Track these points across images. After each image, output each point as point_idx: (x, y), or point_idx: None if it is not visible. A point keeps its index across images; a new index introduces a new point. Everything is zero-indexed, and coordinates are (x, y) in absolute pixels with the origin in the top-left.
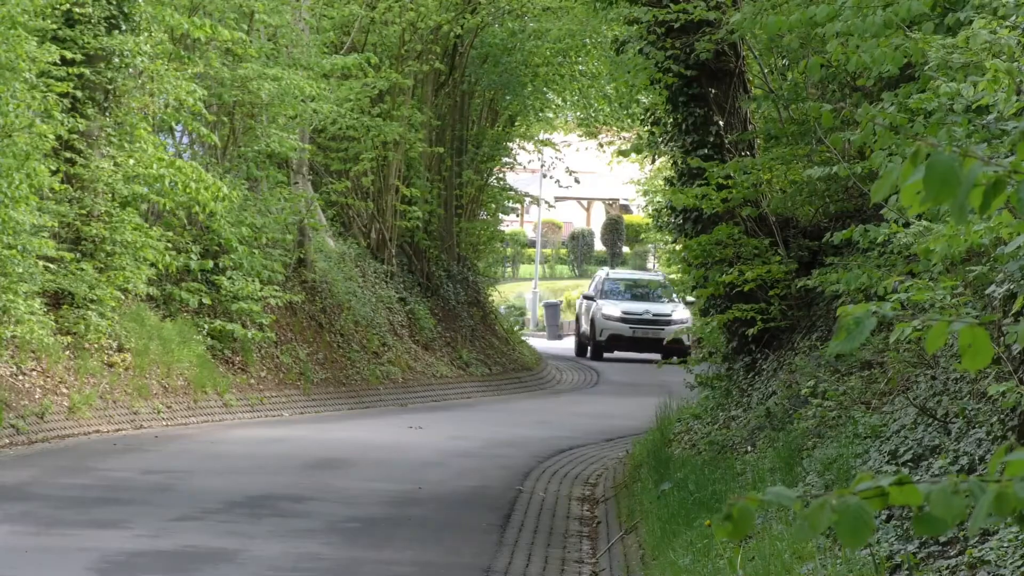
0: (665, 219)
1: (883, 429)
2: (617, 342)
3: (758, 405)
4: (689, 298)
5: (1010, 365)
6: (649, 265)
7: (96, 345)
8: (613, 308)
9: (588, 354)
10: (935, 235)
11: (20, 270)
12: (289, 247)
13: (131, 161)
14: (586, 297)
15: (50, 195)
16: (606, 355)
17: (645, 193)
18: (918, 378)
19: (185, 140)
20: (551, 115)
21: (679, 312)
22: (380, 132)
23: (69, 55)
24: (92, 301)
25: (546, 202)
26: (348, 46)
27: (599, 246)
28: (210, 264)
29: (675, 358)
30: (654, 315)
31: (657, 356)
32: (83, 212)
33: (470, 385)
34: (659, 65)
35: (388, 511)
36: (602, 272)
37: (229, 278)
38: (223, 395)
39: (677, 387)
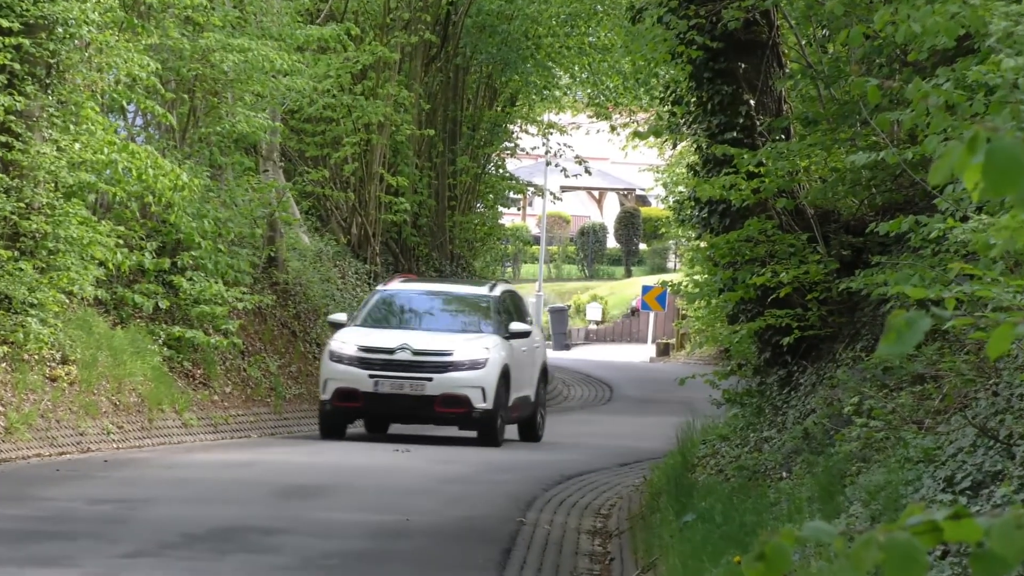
0: (688, 212)
1: (937, 452)
2: (350, 403)
3: (794, 425)
4: (521, 326)
5: None
6: (669, 264)
7: (36, 356)
8: (349, 340)
9: (320, 431)
10: (997, 225)
11: None
12: (258, 244)
13: (77, 145)
14: (332, 324)
15: None
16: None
17: (665, 184)
18: (977, 394)
19: (139, 122)
20: (557, 93)
21: (473, 348)
22: (362, 113)
23: (5, 24)
24: (32, 306)
25: (552, 193)
26: (325, 14)
27: (612, 243)
28: (167, 263)
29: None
30: (417, 352)
31: (438, 429)
32: (21, 204)
33: None
34: (681, 36)
35: (371, 545)
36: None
37: (189, 279)
38: (182, 413)
39: (701, 404)
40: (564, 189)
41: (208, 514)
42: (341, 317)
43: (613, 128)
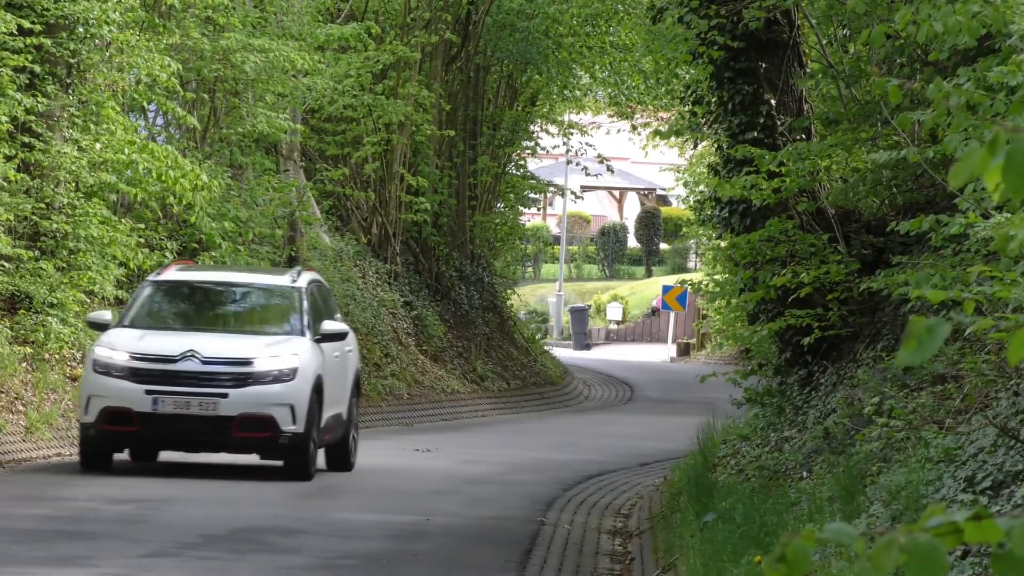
0: (709, 212)
1: (958, 452)
2: (121, 427)
3: (815, 425)
4: (335, 325)
5: None
6: (690, 264)
7: (57, 356)
8: (119, 347)
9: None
10: (1017, 216)
11: None
12: (278, 244)
13: (97, 145)
14: (93, 324)
15: (4, 184)
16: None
17: (686, 183)
18: (998, 394)
19: (159, 122)
20: (578, 93)
21: (279, 355)
22: (383, 112)
23: (26, 24)
24: (52, 305)
25: (572, 192)
26: (346, 13)
27: (633, 243)
28: None
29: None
30: (207, 361)
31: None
32: (42, 204)
33: (485, 402)
34: (702, 36)
35: (391, 546)
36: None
37: None
38: None
39: (722, 404)
40: (584, 189)
41: (228, 514)
42: (104, 316)
43: (634, 128)
